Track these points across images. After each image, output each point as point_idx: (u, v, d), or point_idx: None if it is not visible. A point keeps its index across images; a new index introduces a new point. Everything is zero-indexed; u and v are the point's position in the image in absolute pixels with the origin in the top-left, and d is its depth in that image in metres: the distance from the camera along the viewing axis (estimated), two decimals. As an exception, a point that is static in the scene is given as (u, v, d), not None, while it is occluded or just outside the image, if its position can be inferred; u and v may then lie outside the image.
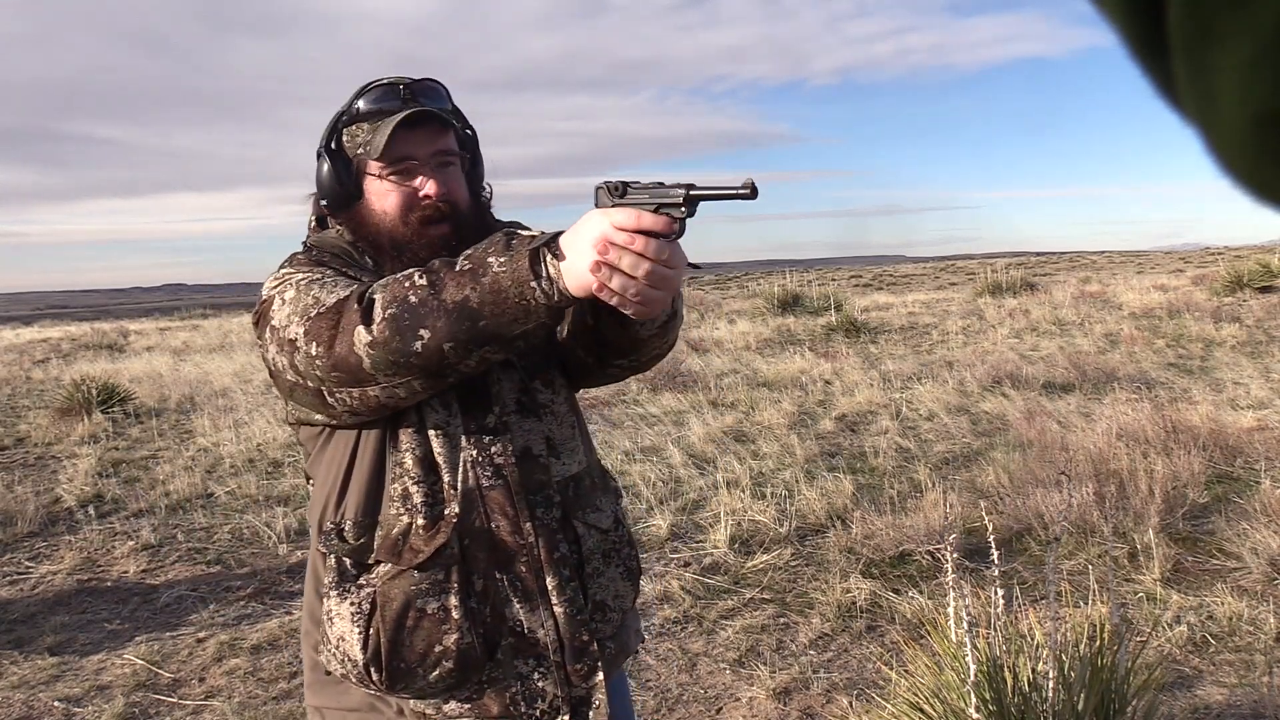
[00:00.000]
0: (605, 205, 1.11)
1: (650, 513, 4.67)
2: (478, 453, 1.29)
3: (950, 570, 2.17)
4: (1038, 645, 2.21)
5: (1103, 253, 41.61)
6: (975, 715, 1.95)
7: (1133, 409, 5.67)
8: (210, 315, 24.90)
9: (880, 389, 7.44)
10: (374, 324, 1.12)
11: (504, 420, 1.31)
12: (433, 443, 1.28)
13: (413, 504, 1.27)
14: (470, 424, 1.29)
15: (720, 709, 2.95)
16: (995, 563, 2.25)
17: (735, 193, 1.05)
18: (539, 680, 1.30)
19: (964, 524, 4.17)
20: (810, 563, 4.04)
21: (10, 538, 4.84)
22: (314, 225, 1.44)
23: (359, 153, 1.34)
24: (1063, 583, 3.31)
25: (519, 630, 1.29)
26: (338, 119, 1.36)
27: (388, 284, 1.14)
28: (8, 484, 5.74)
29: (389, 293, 1.13)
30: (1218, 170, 0.26)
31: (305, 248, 1.39)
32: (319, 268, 1.28)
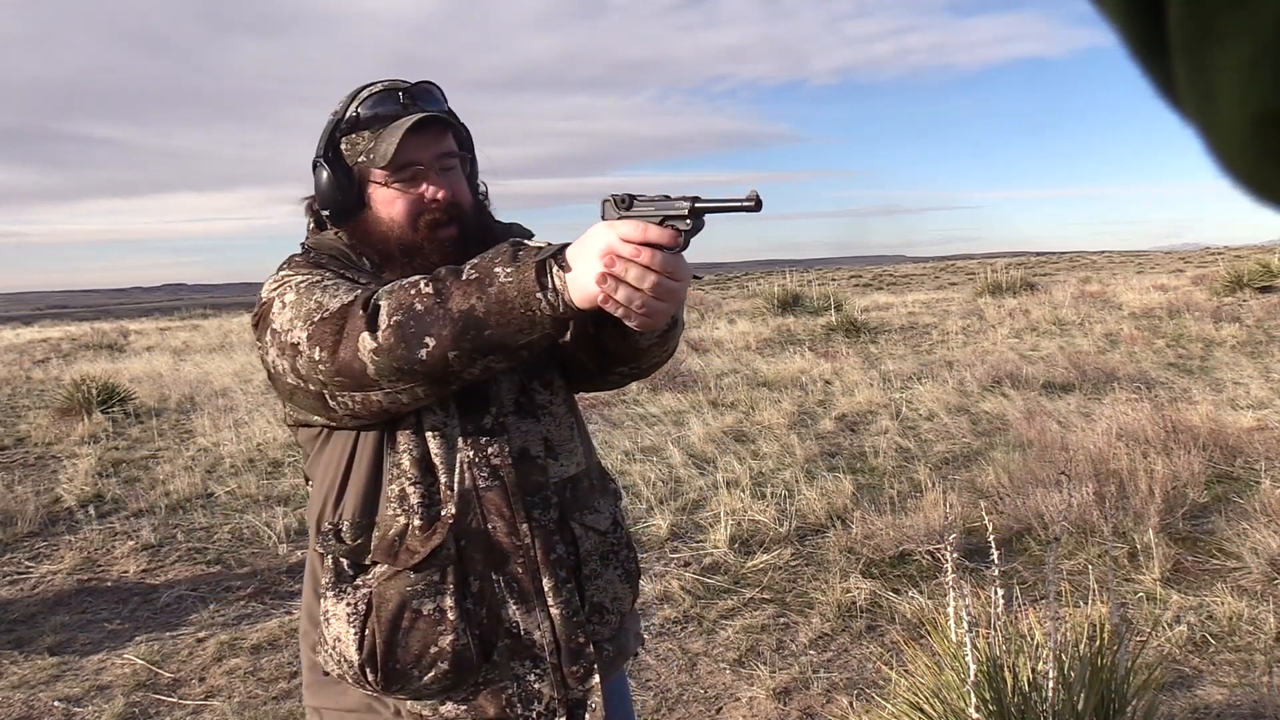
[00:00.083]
0: (611, 218, 1.11)
1: (650, 513, 4.67)
2: (474, 454, 1.29)
3: (950, 570, 2.17)
4: (1038, 645, 2.21)
5: (1103, 253, 41.63)
6: (975, 715, 1.95)
7: (1133, 409, 5.67)
8: (210, 315, 24.91)
9: (880, 389, 7.44)
10: (379, 330, 1.12)
11: (501, 421, 1.31)
12: (430, 444, 1.28)
13: (409, 505, 1.27)
14: (467, 425, 1.29)
15: (720, 709, 2.95)
16: (995, 563, 2.25)
17: (740, 205, 1.06)
18: (535, 682, 1.29)
19: (964, 524, 4.17)
20: (810, 563, 4.04)
21: (10, 538, 4.84)
22: (312, 227, 1.43)
23: (361, 160, 1.32)
24: (1063, 583, 3.31)
25: (515, 632, 1.29)
26: (334, 127, 1.33)
27: (393, 290, 1.14)
28: (8, 484, 5.74)
29: (395, 299, 1.12)
30: (1218, 170, 0.26)
31: (304, 249, 1.39)
32: (318, 270, 1.28)
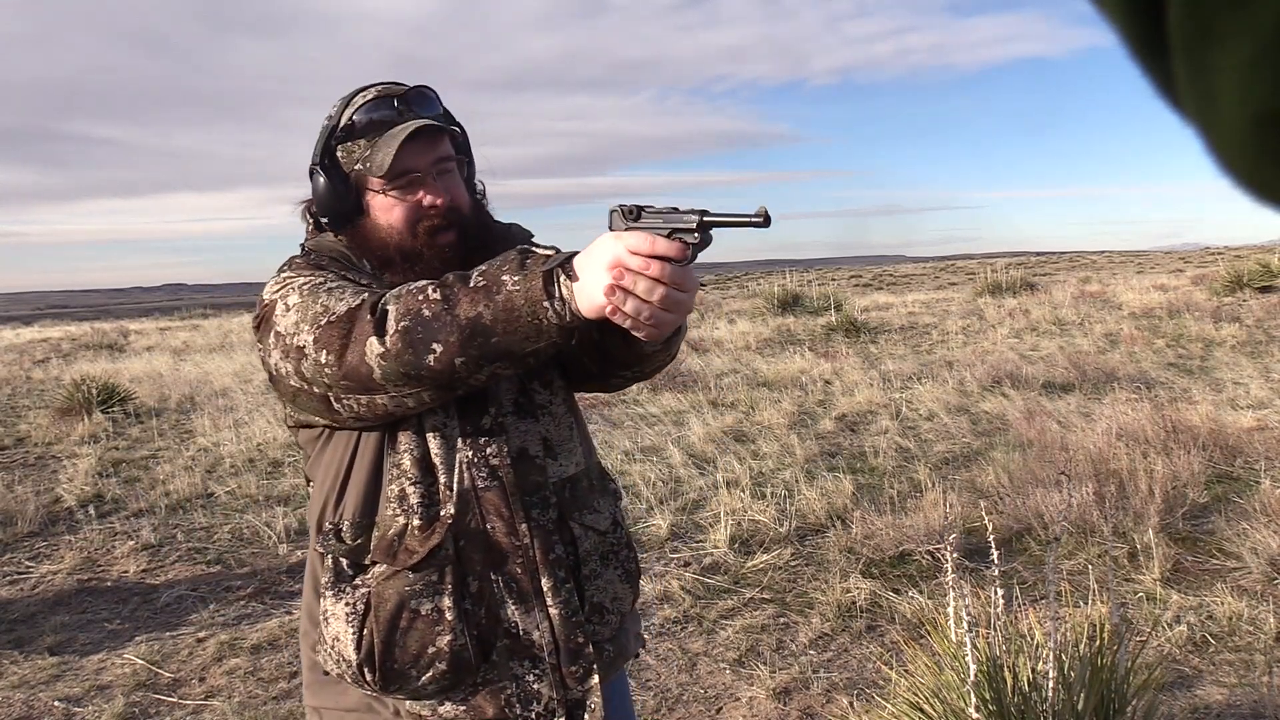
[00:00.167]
0: (618, 228, 1.11)
1: (650, 513, 4.67)
2: (473, 454, 1.29)
3: (950, 570, 2.17)
4: (1038, 645, 2.21)
5: (1103, 253, 41.62)
6: (975, 715, 1.95)
7: (1133, 409, 5.67)
8: (210, 315, 24.92)
9: (880, 389, 7.44)
10: (387, 335, 1.12)
11: (500, 421, 1.31)
12: (430, 444, 1.28)
13: (409, 505, 1.27)
14: (466, 425, 1.29)
15: (720, 709, 2.95)
16: (995, 563, 2.25)
17: (749, 221, 1.06)
18: (534, 682, 1.29)
19: (964, 524, 4.17)
20: (810, 563, 4.04)
21: (10, 537, 4.84)
22: (311, 228, 1.43)
23: (357, 168, 1.32)
24: (1063, 583, 3.31)
25: (514, 632, 1.29)
26: (329, 134, 1.32)
27: (401, 295, 1.14)
28: (8, 484, 5.74)
29: (403, 305, 1.12)
30: (1218, 170, 0.26)
31: (304, 251, 1.39)
32: (320, 271, 1.28)
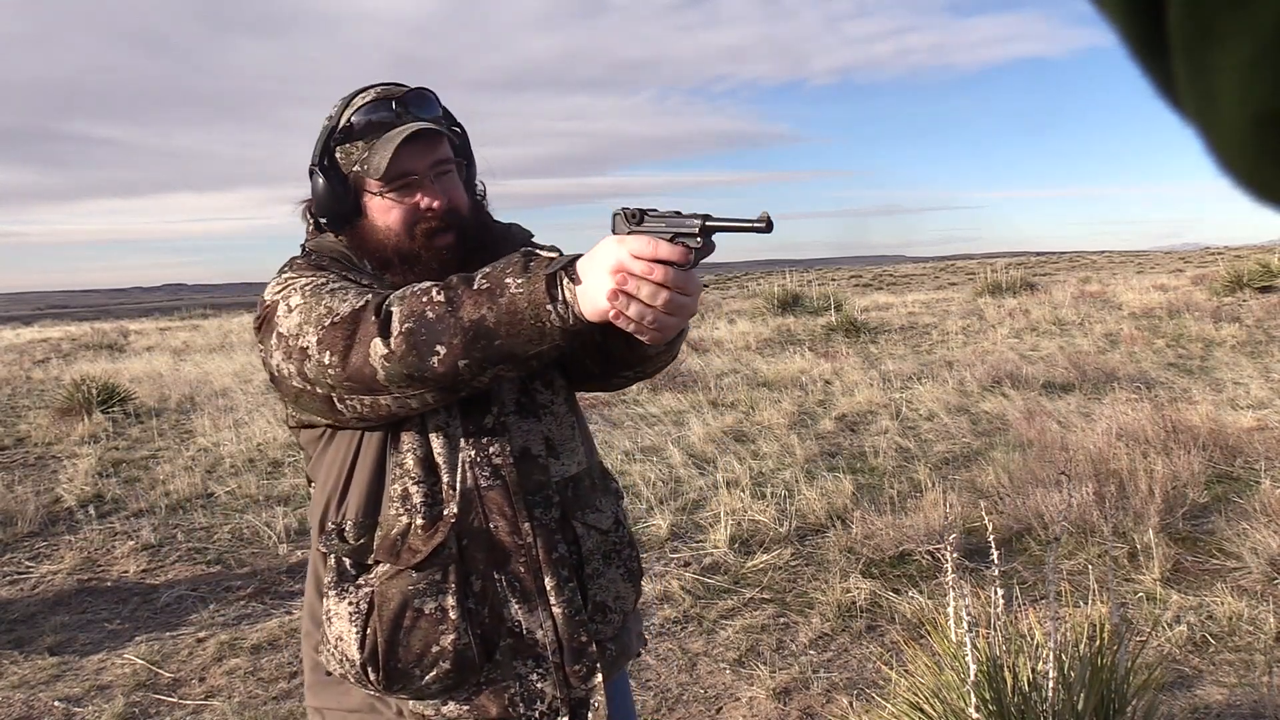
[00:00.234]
0: (621, 231, 1.11)
1: (650, 513, 4.67)
2: (476, 453, 1.29)
3: (950, 570, 2.17)
4: (1038, 645, 2.21)
5: (1103, 253, 41.61)
6: (975, 715, 1.95)
7: (1133, 409, 5.67)
8: (210, 315, 24.91)
9: (880, 389, 7.44)
10: (391, 337, 1.12)
11: (502, 420, 1.31)
12: (433, 443, 1.28)
13: (412, 504, 1.27)
14: (469, 424, 1.29)
15: (720, 709, 2.95)
16: (995, 563, 2.25)
17: (751, 226, 1.05)
18: (538, 681, 1.29)
19: (964, 524, 4.17)
20: (810, 562, 4.04)
21: (10, 537, 4.85)
22: (311, 229, 1.43)
23: (355, 170, 1.32)
24: (1063, 583, 3.31)
25: (517, 631, 1.29)
26: (328, 135, 1.33)
27: (405, 297, 1.14)
28: (8, 484, 5.74)
29: (407, 306, 1.13)
30: (1218, 170, 0.26)
31: (304, 251, 1.39)
32: (321, 272, 1.28)
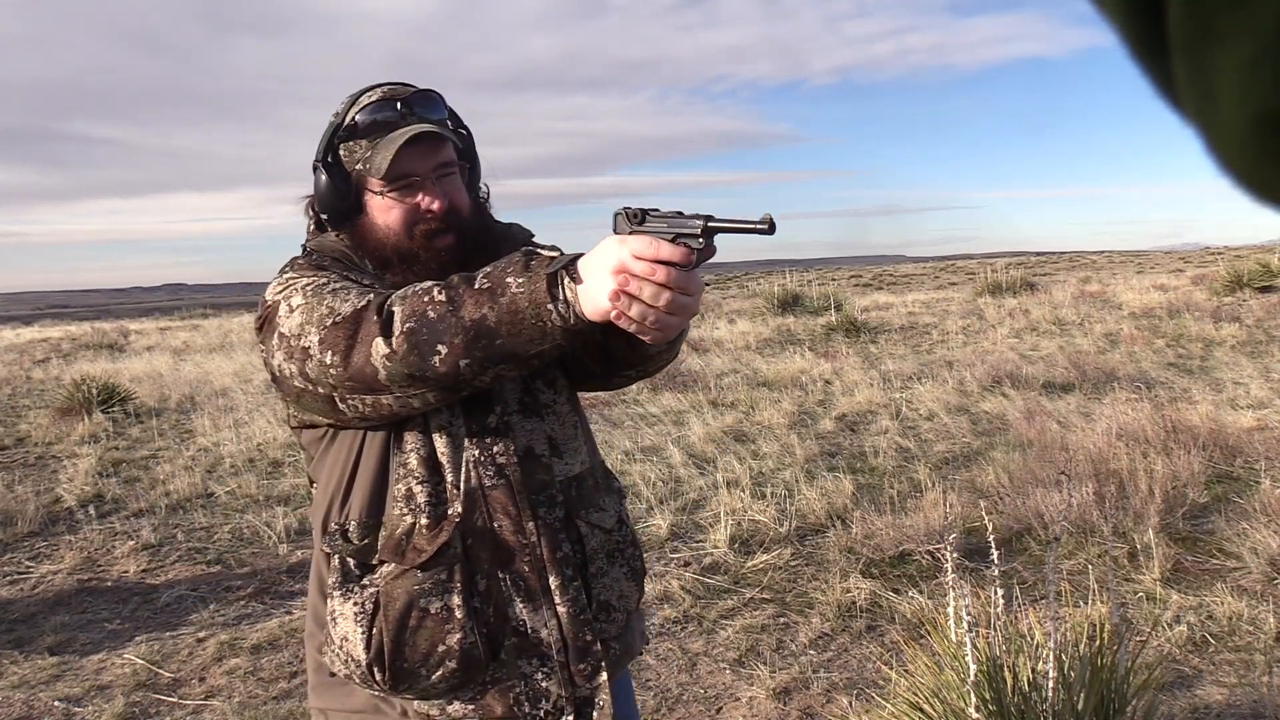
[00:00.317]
0: (623, 231, 1.11)
1: (650, 512, 4.67)
2: (480, 452, 1.29)
3: (950, 570, 2.17)
4: (1038, 645, 2.21)
5: (1103, 253, 41.60)
6: (975, 715, 1.95)
7: (1133, 409, 5.67)
8: (210, 315, 24.91)
9: (880, 389, 7.44)
10: (393, 337, 1.12)
11: (506, 420, 1.31)
12: (436, 443, 1.28)
13: (416, 504, 1.27)
14: (472, 424, 1.29)
15: (720, 709, 2.95)
16: (995, 563, 2.25)
17: (753, 227, 1.05)
18: (543, 680, 1.29)
19: (964, 524, 4.17)
20: (810, 562, 4.04)
21: (10, 537, 4.85)
22: (313, 229, 1.43)
23: (358, 168, 1.32)
24: (1063, 583, 3.31)
25: (522, 630, 1.29)
26: (333, 132, 1.33)
27: (407, 296, 1.14)
28: (8, 484, 5.74)
29: (409, 306, 1.13)
30: (1218, 170, 0.26)
31: (305, 251, 1.39)
32: (322, 272, 1.28)
